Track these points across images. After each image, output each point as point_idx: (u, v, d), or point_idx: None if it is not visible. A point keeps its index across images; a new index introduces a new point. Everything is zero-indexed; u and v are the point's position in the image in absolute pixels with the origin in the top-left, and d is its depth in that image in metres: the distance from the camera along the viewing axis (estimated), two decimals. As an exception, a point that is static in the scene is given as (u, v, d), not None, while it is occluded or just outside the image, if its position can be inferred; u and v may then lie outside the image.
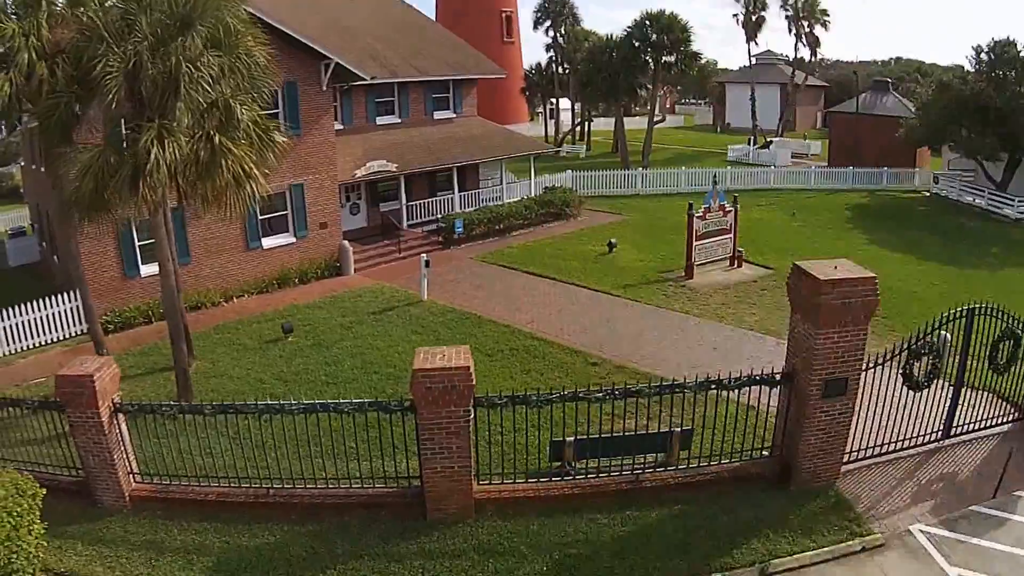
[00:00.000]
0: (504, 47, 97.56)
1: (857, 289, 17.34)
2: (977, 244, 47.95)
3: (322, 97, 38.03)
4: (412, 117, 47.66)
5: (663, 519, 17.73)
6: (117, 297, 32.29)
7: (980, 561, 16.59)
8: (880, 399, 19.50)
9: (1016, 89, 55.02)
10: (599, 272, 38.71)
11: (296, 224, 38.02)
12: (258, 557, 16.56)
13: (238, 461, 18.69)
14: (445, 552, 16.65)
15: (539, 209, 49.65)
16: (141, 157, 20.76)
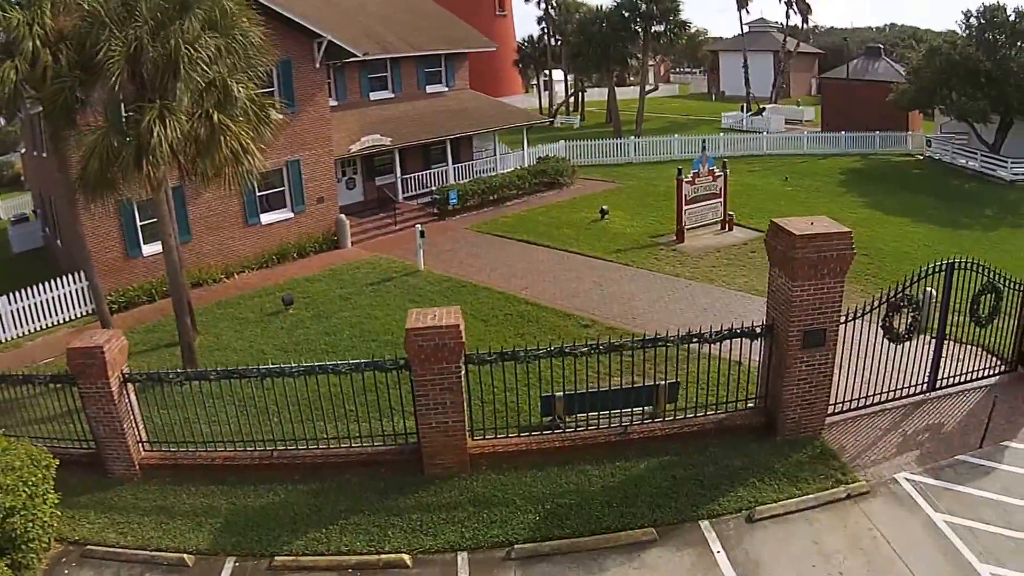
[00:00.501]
0: (497, 20, 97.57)
1: (832, 243, 17.99)
2: (972, 206, 48.61)
3: (316, 74, 38.58)
4: (405, 91, 48.25)
5: (651, 469, 18.44)
6: (120, 277, 32.95)
7: (966, 508, 17.04)
8: (865, 352, 20.12)
9: (1006, 52, 55.53)
10: (592, 238, 39.35)
11: (294, 199, 38.63)
12: (264, 516, 17.37)
13: (243, 427, 19.43)
14: (442, 504, 17.43)
15: (532, 179, 50.20)
16: (144, 136, 21.51)
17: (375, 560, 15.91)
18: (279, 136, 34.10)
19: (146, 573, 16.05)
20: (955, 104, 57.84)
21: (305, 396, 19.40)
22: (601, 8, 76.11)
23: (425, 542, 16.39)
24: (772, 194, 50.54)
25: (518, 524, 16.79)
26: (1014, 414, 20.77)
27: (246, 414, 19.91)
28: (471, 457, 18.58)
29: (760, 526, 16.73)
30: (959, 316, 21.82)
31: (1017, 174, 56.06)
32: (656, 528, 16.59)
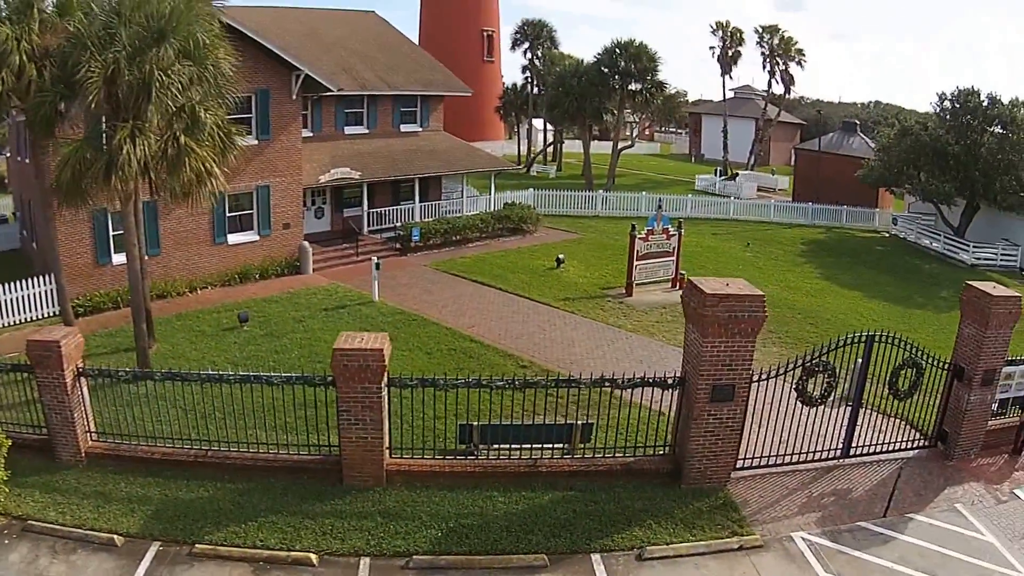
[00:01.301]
0: (485, 65, 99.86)
1: (744, 304, 19.21)
2: (929, 286, 49.93)
3: (292, 105, 40.41)
4: (380, 128, 50.21)
5: (555, 501, 19.77)
6: (89, 283, 34.52)
7: (857, 572, 17.89)
8: (785, 414, 21.49)
9: (976, 138, 57.03)
10: (544, 285, 40.95)
11: (261, 223, 40.33)
12: (191, 508, 18.92)
13: (183, 426, 21.17)
14: (354, 513, 18.95)
15: (496, 223, 51.96)
16: (115, 152, 23.40)
17: (284, 556, 17.38)
18: (251, 162, 36.43)
19: (79, 549, 17.48)
20: (921, 185, 59.23)
21: (240, 403, 20.97)
22: (582, 62, 78.26)
23: (333, 545, 17.79)
24: (731, 258, 52.05)
25: (421, 538, 18.15)
26: (925, 488, 21.67)
27: (187, 416, 21.61)
28: (388, 473, 20.14)
29: (648, 565, 17.65)
30: (883, 387, 22.88)
31: (979, 258, 57.38)
32: (548, 555, 17.63)
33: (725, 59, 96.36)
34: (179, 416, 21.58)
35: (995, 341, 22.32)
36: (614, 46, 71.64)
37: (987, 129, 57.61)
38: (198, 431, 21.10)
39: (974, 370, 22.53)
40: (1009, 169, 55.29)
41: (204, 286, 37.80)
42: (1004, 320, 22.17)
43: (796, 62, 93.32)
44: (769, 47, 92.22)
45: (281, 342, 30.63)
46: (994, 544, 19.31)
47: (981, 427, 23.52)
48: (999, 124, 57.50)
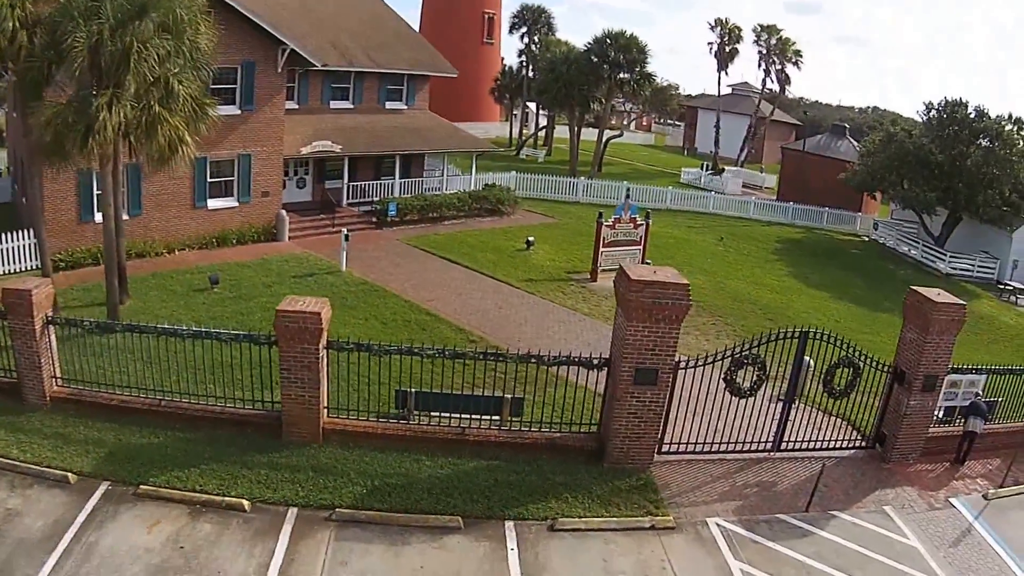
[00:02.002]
0: (484, 47, 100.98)
1: (668, 292, 20.21)
2: (899, 292, 48.94)
3: (277, 78, 41.80)
4: (365, 104, 51.65)
5: (479, 469, 20.97)
6: (71, 239, 36.05)
7: (768, 562, 18.45)
8: (720, 405, 22.21)
9: (962, 149, 57.93)
10: (510, 266, 42.39)
11: (240, 190, 41.86)
12: (141, 452, 20.60)
13: (142, 378, 22.84)
14: (288, 466, 20.52)
15: (472, 203, 53.35)
16: (93, 117, 25.03)
17: (220, 501, 18.98)
18: (234, 130, 38.21)
19: (35, 485, 19.08)
20: (902, 192, 60.35)
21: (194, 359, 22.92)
22: (573, 49, 79.58)
23: (265, 494, 19.31)
24: (703, 251, 53.25)
25: (347, 493, 19.54)
26: (855, 488, 22.37)
27: (146, 368, 23.21)
28: (324, 431, 21.74)
29: (559, 536, 18.67)
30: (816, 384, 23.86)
31: (955, 268, 58.37)
32: (464, 518, 18.85)
33: (722, 55, 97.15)
34: (139, 368, 23.11)
35: (936, 347, 22.87)
36: (605, 36, 72.87)
37: (973, 142, 58.47)
38: (155, 382, 22.82)
39: (914, 375, 23.05)
40: (993, 183, 56.22)
41: (182, 248, 39.35)
42: (946, 327, 22.70)
43: (793, 63, 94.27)
44: (766, 46, 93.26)
45: (247, 305, 32.15)
46: (918, 549, 19.93)
47: (921, 433, 23.99)
48: (986, 138, 58.43)
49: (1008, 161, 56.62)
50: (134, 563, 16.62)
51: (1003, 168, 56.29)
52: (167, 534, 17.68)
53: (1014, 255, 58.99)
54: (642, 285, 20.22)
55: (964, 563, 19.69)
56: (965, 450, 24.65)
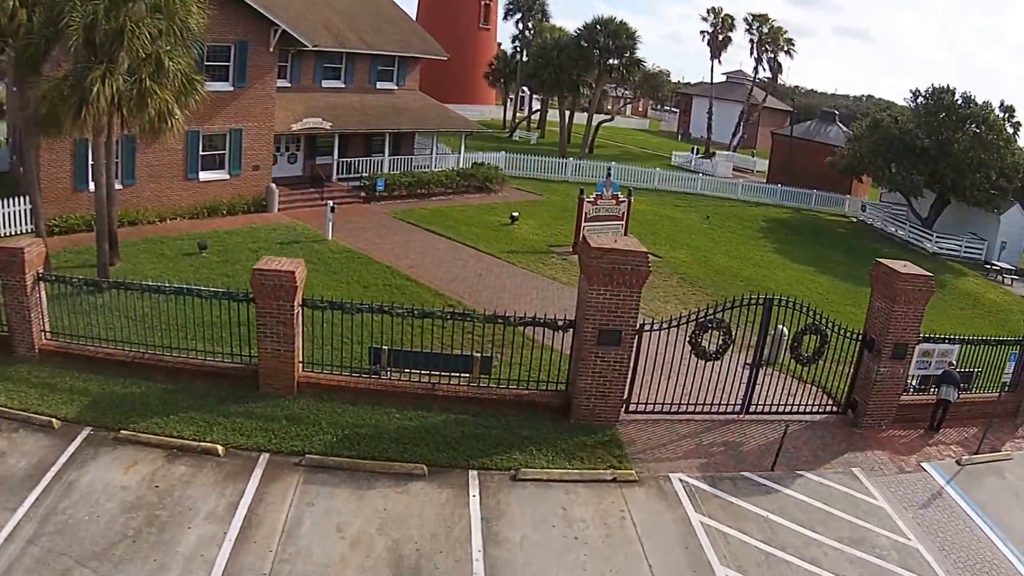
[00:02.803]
0: (480, 32, 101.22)
1: (628, 258, 20.72)
2: None
3: (269, 57, 42.50)
4: (356, 84, 52.24)
5: (447, 422, 21.51)
6: (66, 206, 36.72)
7: (729, 516, 18.69)
8: (690, 369, 22.82)
9: (949, 135, 58.39)
10: (494, 238, 43.02)
11: (232, 163, 42.56)
12: (123, 401, 21.30)
13: (128, 334, 23.66)
14: (262, 416, 21.16)
15: (460, 180, 54.04)
16: (87, 90, 25.80)
17: (195, 446, 19.65)
18: (226, 106, 39.07)
19: (20, 429, 19.78)
20: (888, 176, 60.91)
21: (176, 315, 23.80)
22: (565, 35, 80.00)
23: (239, 440, 19.97)
24: (688, 228, 53.71)
25: (317, 441, 20.19)
26: (824, 450, 22.62)
27: (132, 324, 24.04)
28: (299, 384, 22.40)
29: (520, 485, 19.12)
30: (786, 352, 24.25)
31: (941, 248, 59.22)
32: (428, 466, 19.40)
33: (715, 44, 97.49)
34: (125, 325, 23.94)
35: (904, 316, 23.16)
36: (595, 22, 73.23)
37: (960, 127, 58.96)
38: (139, 338, 23.59)
39: (883, 343, 23.37)
40: (981, 167, 56.80)
41: (174, 217, 39.98)
42: (913, 297, 23.01)
43: (785, 51, 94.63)
44: (758, 35, 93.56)
45: (233, 268, 32.76)
46: (885, 509, 20.10)
47: (892, 400, 24.21)
48: (973, 124, 59.00)
49: (995, 146, 57.29)
50: (110, 500, 17.31)
51: (991, 152, 56.93)
52: (143, 474, 18.35)
53: (1002, 236, 59.85)
54: (602, 252, 20.88)
55: (933, 524, 19.87)
56: (939, 418, 24.87)
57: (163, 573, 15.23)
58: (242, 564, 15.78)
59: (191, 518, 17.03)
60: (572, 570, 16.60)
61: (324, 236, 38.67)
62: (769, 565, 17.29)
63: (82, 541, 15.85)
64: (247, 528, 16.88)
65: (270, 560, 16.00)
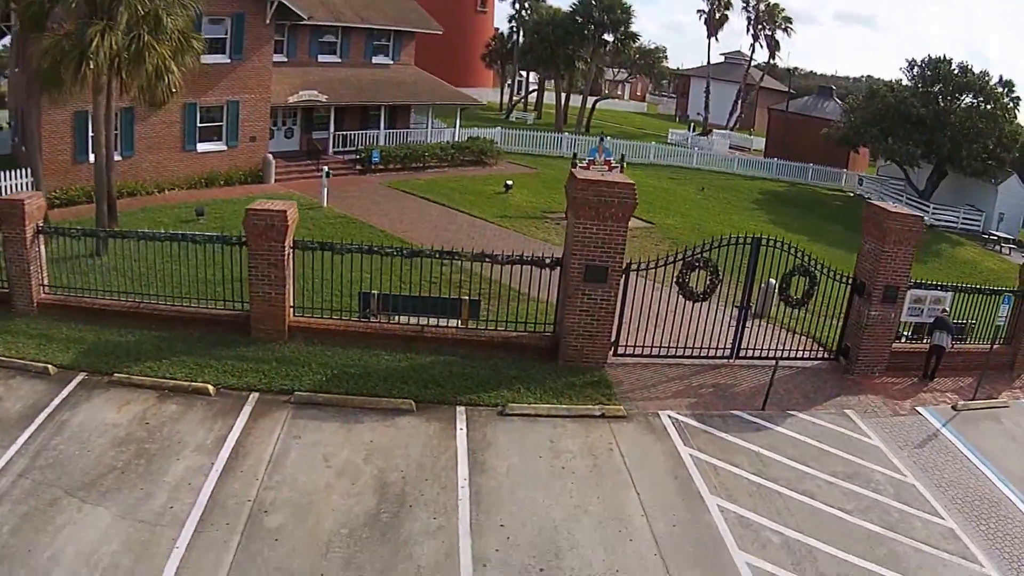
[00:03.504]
0: (477, 15, 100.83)
1: (614, 191, 20.63)
2: None
3: (265, 29, 42.52)
4: (352, 59, 52.14)
5: (435, 363, 21.52)
6: (66, 178, 36.71)
7: (719, 450, 18.53)
8: (680, 315, 22.72)
9: (946, 105, 58.06)
10: (488, 205, 42.96)
11: (229, 135, 42.57)
12: (117, 348, 21.34)
13: (124, 286, 23.77)
14: (254, 358, 21.19)
15: (455, 153, 54.01)
16: (87, 44, 25.89)
17: (187, 386, 19.67)
18: (223, 78, 39.66)
19: (17, 376, 19.76)
20: (885, 146, 60.46)
21: (171, 264, 24.13)
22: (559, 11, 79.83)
23: (229, 380, 19.99)
24: (682, 199, 53.47)
25: (306, 380, 20.20)
26: (815, 393, 22.42)
27: (128, 278, 24.16)
28: (290, 328, 22.43)
29: (508, 420, 19.10)
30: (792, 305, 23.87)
31: (937, 220, 58.69)
32: (416, 402, 19.39)
33: (712, 22, 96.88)
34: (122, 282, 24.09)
35: (894, 257, 22.92)
36: (590, -3, 72.88)
37: (957, 97, 58.63)
38: (134, 286, 23.77)
39: (874, 285, 23.08)
40: (978, 137, 56.31)
41: (172, 188, 39.98)
42: (902, 237, 22.74)
43: (783, 29, 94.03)
44: (755, 12, 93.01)
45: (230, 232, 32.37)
46: (880, 448, 19.86)
47: (885, 345, 23.89)
48: (970, 93, 58.61)
49: (992, 115, 56.86)
50: (101, 436, 17.32)
51: (988, 122, 56.46)
52: (134, 413, 18.39)
53: (999, 207, 59.45)
54: (588, 183, 20.84)
55: (930, 464, 19.61)
56: (933, 366, 24.56)
57: (150, 501, 15.25)
58: (228, 491, 15.80)
59: (179, 451, 17.05)
60: (559, 497, 16.54)
61: (319, 204, 38.63)
62: (761, 496, 17.13)
63: (72, 473, 15.88)
64: (234, 459, 16.90)
65: (256, 487, 16.02)
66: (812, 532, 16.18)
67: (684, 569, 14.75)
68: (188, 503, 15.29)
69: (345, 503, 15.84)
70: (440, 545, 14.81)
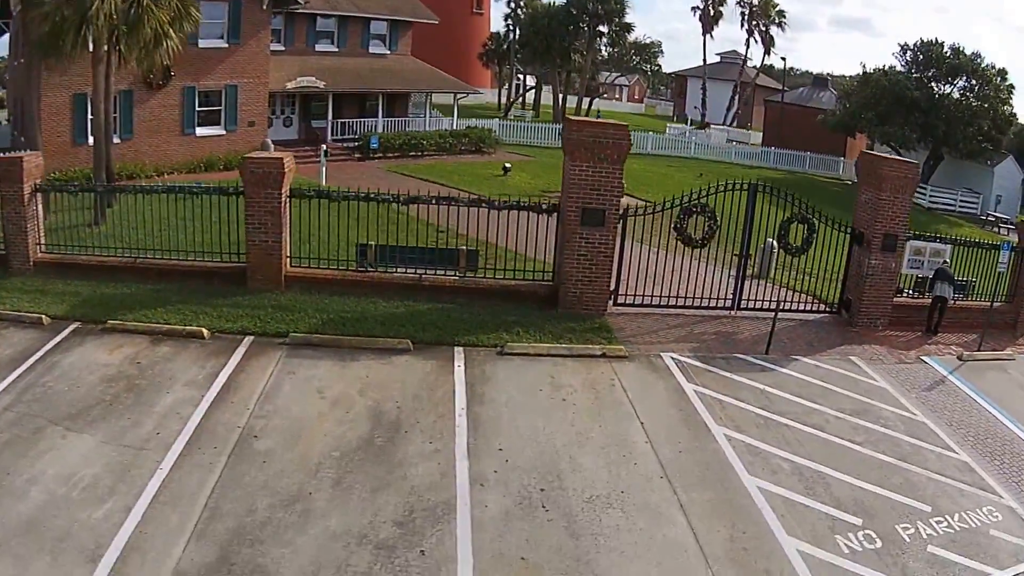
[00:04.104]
0: (473, 17, 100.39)
1: (608, 132, 20.40)
2: None
3: (262, 14, 42.29)
4: (349, 48, 51.80)
5: (433, 309, 20.96)
6: (65, 160, 36.07)
7: (724, 387, 17.96)
8: (680, 269, 22.48)
9: (940, 87, 57.92)
10: (486, 185, 41.96)
11: (227, 119, 42.23)
12: (113, 299, 20.73)
13: (120, 239, 23.57)
14: (249, 306, 20.61)
15: (453, 140, 53.58)
16: (86, 7, 25.54)
17: (180, 330, 19.09)
18: (221, 62, 39.83)
19: (11, 327, 19.14)
20: (880, 131, 59.70)
21: (168, 217, 24.23)
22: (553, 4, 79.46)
23: (224, 325, 19.39)
24: (680, 183, 51.31)
25: (302, 324, 19.66)
26: (818, 341, 21.88)
27: (125, 239, 23.81)
28: (287, 278, 21.88)
29: (507, 358, 18.55)
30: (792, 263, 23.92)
31: (935, 203, 58.42)
32: (414, 343, 18.85)
33: (706, 18, 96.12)
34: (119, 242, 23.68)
35: (892, 205, 22.56)
36: (584, -11, 72.58)
37: (950, 81, 58.41)
38: (131, 241, 23.62)
39: (873, 234, 22.71)
40: (973, 119, 55.95)
41: (171, 171, 39.43)
42: (900, 184, 22.40)
43: (777, 24, 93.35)
44: (748, 7, 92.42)
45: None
46: (887, 389, 19.24)
47: (886, 297, 23.34)
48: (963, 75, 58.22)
49: (986, 96, 56.43)
50: (91, 374, 16.77)
51: (981, 103, 56.13)
52: (126, 354, 17.82)
53: (996, 190, 59.19)
54: (582, 124, 20.76)
55: (939, 405, 18.97)
56: (936, 320, 23.91)
57: (136, 428, 14.67)
58: (217, 419, 15.23)
59: (170, 385, 16.48)
60: (560, 425, 15.93)
61: (318, 183, 37.89)
62: (768, 427, 16.51)
63: (58, 406, 15.31)
64: (225, 392, 16.32)
65: (246, 416, 15.44)
66: (823, 461, 15.50)
67: (692, 490, 14.05)
68: (175, 430, 14.70)
69: (338, 429, 15.24)
70: (436, 467, 14.17)
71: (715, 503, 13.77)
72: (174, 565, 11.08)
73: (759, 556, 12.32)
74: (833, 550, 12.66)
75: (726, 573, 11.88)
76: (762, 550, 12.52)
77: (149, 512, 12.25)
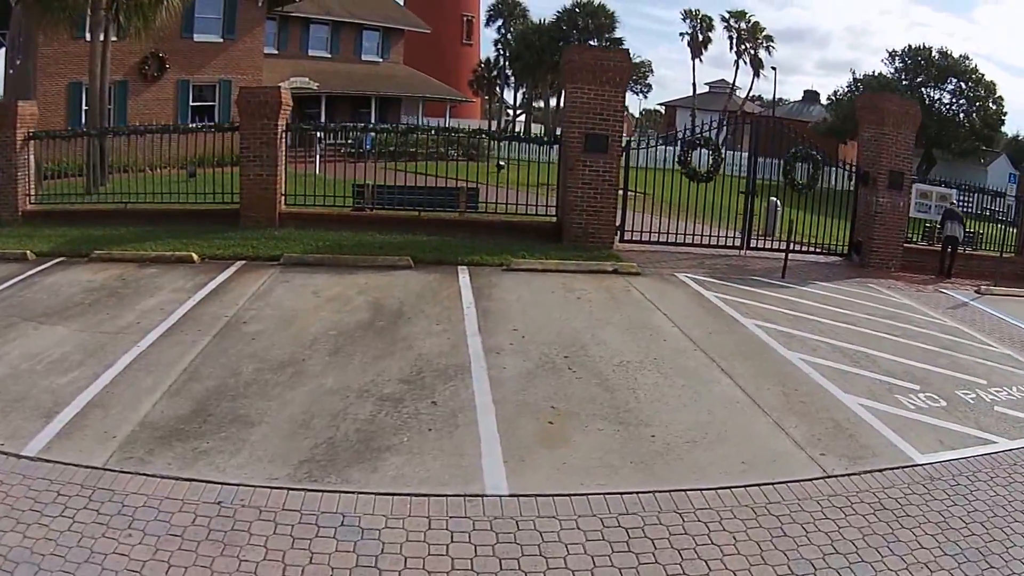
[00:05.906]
0: (463, 48, 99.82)
1: (609, 55, 19.95)
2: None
3: (257, 12, 41.37)
4: (342, 53, 51.07)
5: (432, 239, 19.75)
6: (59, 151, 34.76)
7: (745, 295, 16.76)
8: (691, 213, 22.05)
9: (930, 93, 57.14)
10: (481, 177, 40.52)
11: (221, 115, 40.47)
12: (101, 237, 19.23)
13: (112, 185, 23.55)
14: (242, 237, 19.18)
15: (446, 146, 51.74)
16: None
17: (169, 255, 17.62)
18: (216, 56, 39.09)
19: (-2, 264, 17.80)
20: None
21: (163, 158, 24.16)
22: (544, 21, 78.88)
23: (214, 252, 17.93)
24: (672, 183, 52.02)
25: (297, 248, 18.30)
26: (833, 275, 20.73)
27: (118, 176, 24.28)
28: (281, 217, 20.55)
29: (513, 272, 17.30)
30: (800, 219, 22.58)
31: (932, 205, 57.56)
32: (415, 262, 17.54)
33: (695, 44, 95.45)
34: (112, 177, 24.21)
35: (895, 141, 21.83)
36: (574, 5, 72.91)
37: (940, 85, 57.89)
38: (123, 188, 22.99)
39: (878, 171, 21.95)
40: (966, 117, 55.61)
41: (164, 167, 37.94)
42: (901, 120, 21.69)
43: (764, 48, 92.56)
44: (736, 31, 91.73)
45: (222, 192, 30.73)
46: (913, 305, 18.32)
47: (896, 237, 22.59)
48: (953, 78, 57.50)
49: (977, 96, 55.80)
50: (72, 287, 15.27)
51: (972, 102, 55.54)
52: (112, 273, 16.33)
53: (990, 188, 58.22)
54: (584, 48, 19.52)
55: (966, 317, 17.87)
56: (949, 263, 22.96)
57: (115, 320, 13.15)
58: (204, 311, 13.73)
59: (155, 292, 14.95)
60: (577, 314, 14.55)
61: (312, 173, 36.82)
62: (799, 321, 15.18)
63: (34, 308, 13.82)
64: (214, 295, 14.82)
65: (236, 308, 13.95)
66: (863, 344, 14.07)
67: (731, 359, 12.55)
68: (157, 320, 13.16)
69: (335, 316, 13.74)
70: (445, 340, 12.65)
71: (759, 369, 12.28)
72: (140, 418, 9.49)
73: (820, 408, 10.89)
74: (897, 406, 11.26)
75: (789, 419, 10.43)
76: (822, 403, 11.11)
77: (120, 377, 10.69)
